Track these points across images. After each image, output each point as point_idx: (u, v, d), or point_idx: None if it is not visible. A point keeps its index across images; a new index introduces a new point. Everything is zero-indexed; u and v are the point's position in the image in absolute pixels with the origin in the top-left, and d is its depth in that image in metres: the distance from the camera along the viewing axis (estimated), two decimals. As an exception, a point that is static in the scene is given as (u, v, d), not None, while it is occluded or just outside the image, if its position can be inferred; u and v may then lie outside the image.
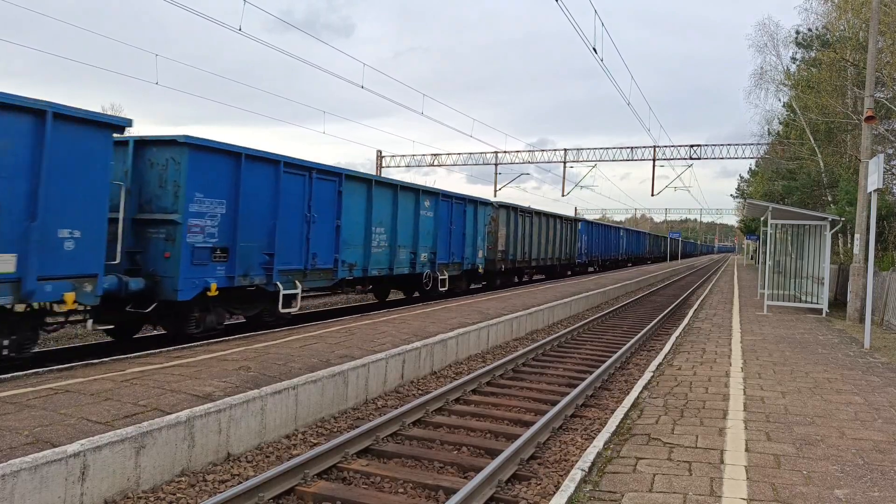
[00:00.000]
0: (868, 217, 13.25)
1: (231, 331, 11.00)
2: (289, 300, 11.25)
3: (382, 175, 42.82)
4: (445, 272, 17.24)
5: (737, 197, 61.97)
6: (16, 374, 6.77)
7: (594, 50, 17.62)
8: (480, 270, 19.81)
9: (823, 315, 16.53)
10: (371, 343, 9.30)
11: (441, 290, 17.06)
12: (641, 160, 40.31)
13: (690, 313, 16.85)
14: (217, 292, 9.67)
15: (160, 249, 9.13)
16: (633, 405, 6.95)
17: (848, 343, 11.95)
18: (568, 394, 8.16)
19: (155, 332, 11.18)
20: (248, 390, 6.34)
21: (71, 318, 8.08)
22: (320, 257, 12.19)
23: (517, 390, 8.85)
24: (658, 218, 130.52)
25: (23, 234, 6.92)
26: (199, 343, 9.19)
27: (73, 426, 4.98)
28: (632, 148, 40.50)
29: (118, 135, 8.19)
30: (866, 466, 5.12)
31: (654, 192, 40.92)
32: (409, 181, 15.98)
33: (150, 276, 9.05)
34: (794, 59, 30.89)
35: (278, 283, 10.96)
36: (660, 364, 9.36)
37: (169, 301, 9.12)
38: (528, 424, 6.98)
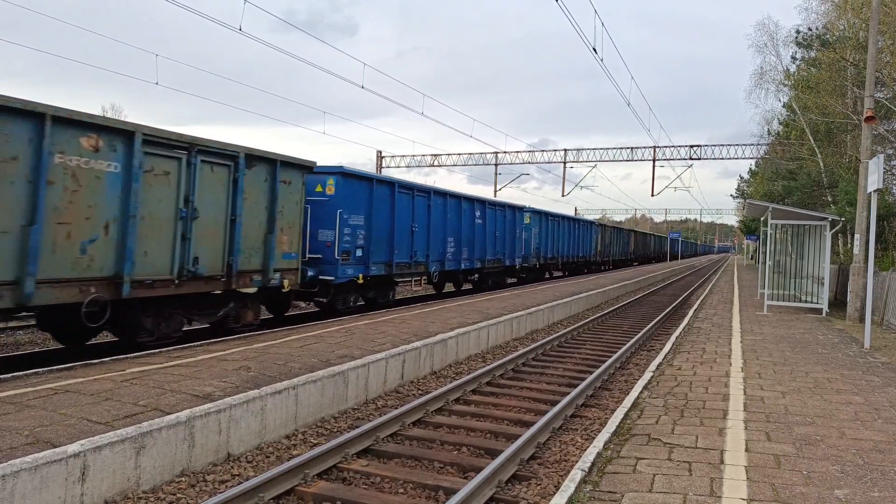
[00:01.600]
0: (868, 217, 13.25)
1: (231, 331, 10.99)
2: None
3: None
4: None
5: (737, 197, 62.00)
6: (16, 373, 6.78)
7: (594, 50, 17.63)
8: None
9: (823, 315, 16.53)
10: (371, 343, 9.30)
11: None
12: (641, 160, 40.34)
13: (690, 313, 16.85)
14: None
15: None
16: (634, 405, 6.95)
17: (848, 343, 11.95)
18: (568, 394, 8.15)
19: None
20: (248, 390, 6.34)
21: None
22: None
23: (517, 390, 8.85)
24: (658, 218, 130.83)
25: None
26: (198, 343, 9.19)
27: (73, 426, 4.98)
28: (632, 148, 40.53)
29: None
30: (866, 466, 5.12)
31: (654, 193, 40.95)
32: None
33: None
34: (794, 58, 30.93)
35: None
36: (660, 364, 9.36)
37: None
38: (528, 424, 6.98)
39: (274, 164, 10.94)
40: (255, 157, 10.55)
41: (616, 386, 9.37)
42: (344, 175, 13.51)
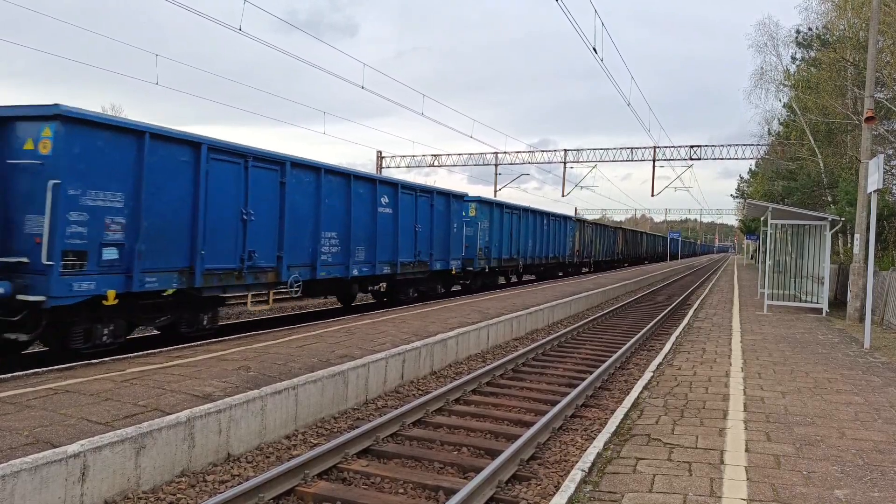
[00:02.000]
0: (868, 217, 13.25)
1: (232, 331, 11.00)
2: None
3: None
4: None
5: (737, 197, 61.98)
6: (16, 373, 6.77)
7: (594, 50, 17.62)
8: None
9: (823, 315, 16.53)
10: (371, 343, 9.30)
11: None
12: (642, 160, 40.33)
13: (690, 313, 16.85)
14: None
15: None
16: (634, 405, 6.95)
17: (848, 343, 11.94)
18: (568, 394, 8.15)
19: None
20: (249, 390, 6.34)
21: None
22: None
23: (517, 390, 8.85)
24: (658, 218, 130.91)
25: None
26: (199, 343, 9.19)
27: (73, 426, 4.98)
28: (632, 148, 40.54)
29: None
30: (866, 467, 5.12)
31: (654, 193, 40.97)
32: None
33: None
34: (794, 59, 30.92)
35: None
36: (660, 364, 9.36)
37: None
38: (528, 425, 6.98)
39: None
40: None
41: (616, 386, 9.37)
42: (70, 121, 7.81)
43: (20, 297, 7.60)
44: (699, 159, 38.63)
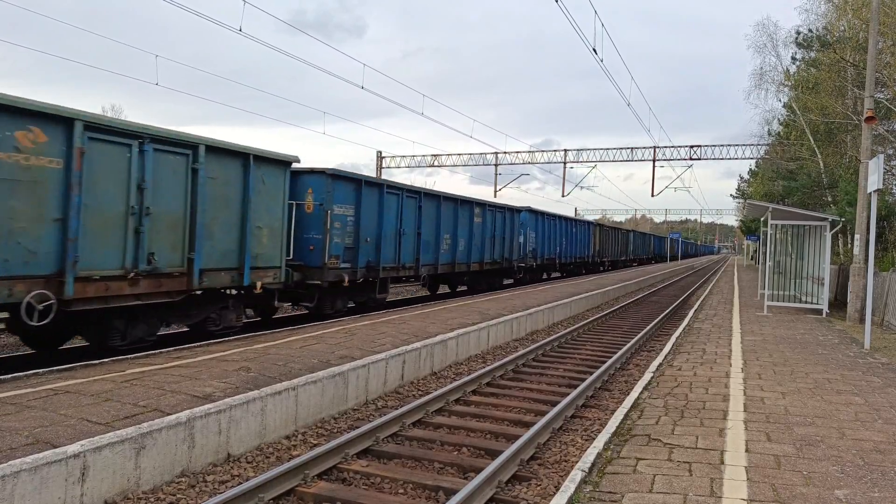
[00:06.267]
0: (868, 217, 13.25)
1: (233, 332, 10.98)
2: None
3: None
4: None
5: (737, 197, 61.98)
6: (16, 374, 6.77)
7: (594, 51, 17.63)
8: None
9: (824, 315, 16.52)
10: (371, 343, 9.30)
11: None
12: (642, 161, 40.30)
13: (690, 314, 16.84)
14: None
15: None
16: (634, 406, 6.95)
17: (848, 343, 11.94)
18: (568, 394, 8.15)
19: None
20: (249, 391, 6.33)
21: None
22: None
23: (517, 391, 8.84)
24: (658, 218, 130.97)
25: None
26: (199, 343, 9.19)
27: (73, 427, 4.98)
28: (632, 149, 40.49)
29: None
30: (866, 467, 5.12)
31: (655, 193, 40.94)
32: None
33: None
34: (794, 59, 30.93)
35: None
36: (660, 364, 9.36)
37: None
38: (528, 425, 6.98)
39: None
40: None
41: (616, 386, 9.37)
42: None
43: None
44: (699, 159, 38.61)
